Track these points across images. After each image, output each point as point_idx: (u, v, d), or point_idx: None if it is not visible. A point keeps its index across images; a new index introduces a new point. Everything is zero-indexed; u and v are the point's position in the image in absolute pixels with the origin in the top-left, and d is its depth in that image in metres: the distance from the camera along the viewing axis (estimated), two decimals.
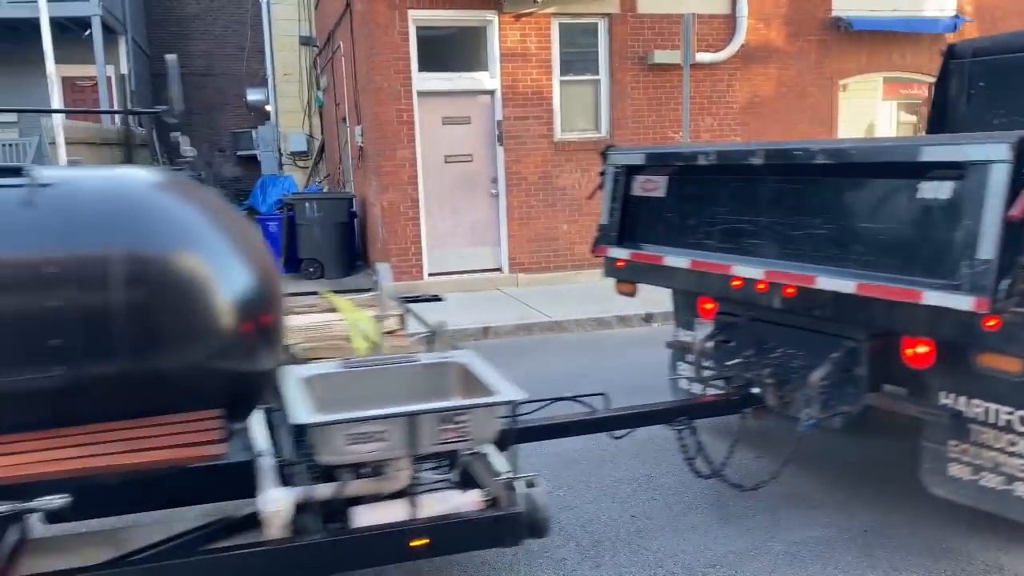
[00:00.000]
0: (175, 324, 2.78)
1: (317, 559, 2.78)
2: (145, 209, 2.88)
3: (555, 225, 11.31)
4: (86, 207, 2.81)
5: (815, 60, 12.10)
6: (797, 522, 4.28)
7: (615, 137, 11.34)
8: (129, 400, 2.78)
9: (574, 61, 11.31)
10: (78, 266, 2.69)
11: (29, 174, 2.83)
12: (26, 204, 2.74)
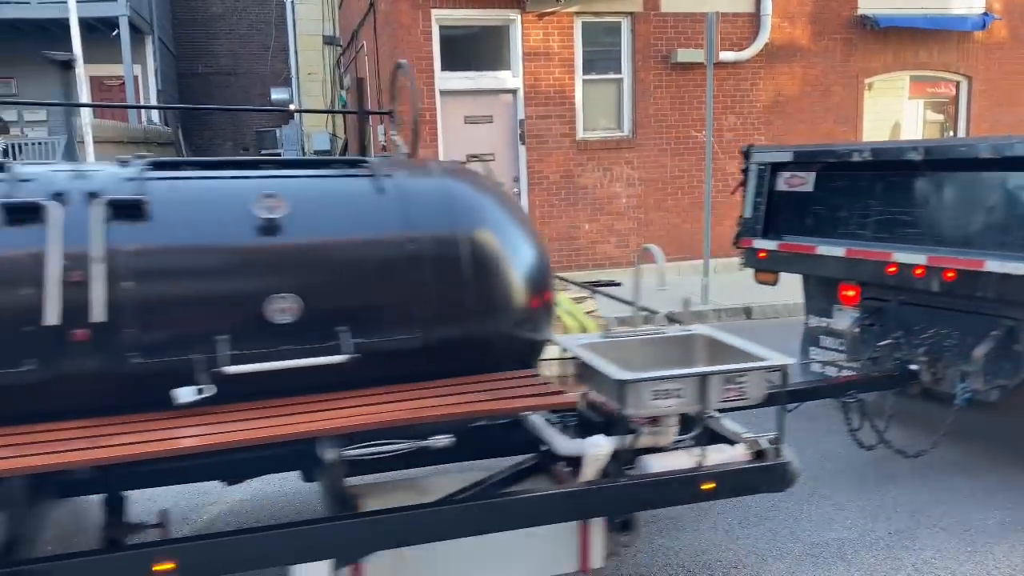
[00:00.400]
0: (496, 296, 3.19)
1: (631, 497, 3.14)
2: (469, 198, 3.33)
3: (577, 224, 11.29)
4: (421, 195, 3.25)
5: (840, 58, 11.98)
6: (820, 523, 4.25)
7: (637, 137, 11.31)
8: (465, 359, 3.18)
9: (597, 60, 11.28)
10: (433, 244, 3.12)
11: (370, 165, 3.33)
12: (379, 191, 3.19)
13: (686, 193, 11.61)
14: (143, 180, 2.97)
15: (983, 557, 3.89)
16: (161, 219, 2.88)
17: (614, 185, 11.37)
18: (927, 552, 3.94)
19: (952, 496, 4.54)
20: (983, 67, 12.65)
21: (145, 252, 2.80)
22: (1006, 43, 12.69)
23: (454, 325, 3.14)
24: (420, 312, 3.07)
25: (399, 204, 3.17)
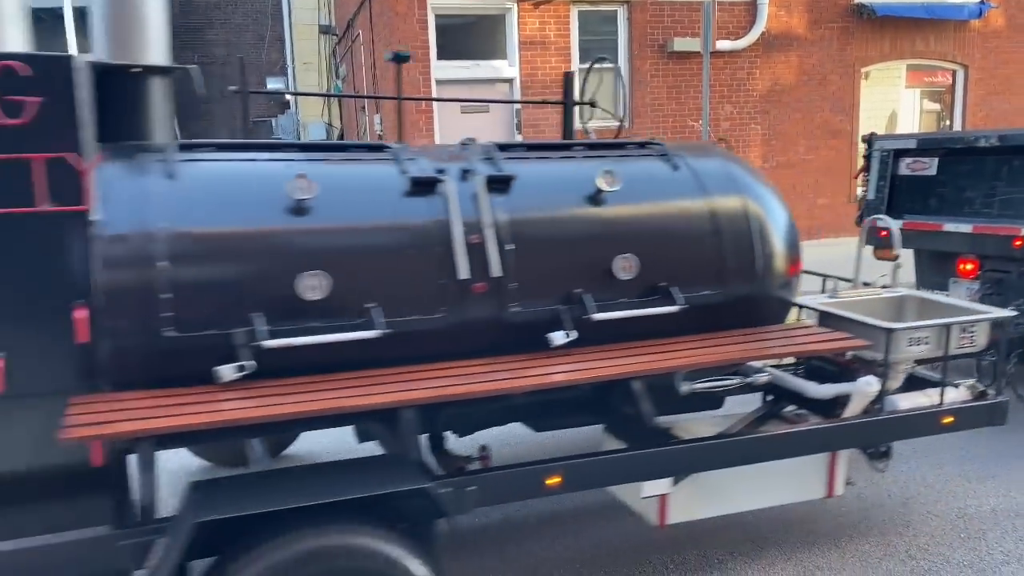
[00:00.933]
0: (770, 261, 3.67)
1: (890, 429, 3.70)
2: (746, 176, 3.83)
3: None
4: (709, 173, 3.74)
5: (837, 47, 11.97)
6: (811, 509, 4.28)
7: (634, 126, 11.30)
8: (743, 315, 3.65)
9: (593, 49, 11.25)
10: (726, 215, 3.62)
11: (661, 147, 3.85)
12: (674, 168, 3.72)
13: None
14: (497, 160, 3.47)
15: (976, 543, 3.92)
16: (520, 192, 3.38)
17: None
18: (920, 538, 3.97)
19: (945, 483, 4.57)
20: (979, 56, 12.65)
21: (515, 219, 3.29)
22: (1002, 32, 12.68)
23: (742, 285, 3.62)
24: (719, 273, 3.58)
25: (694, 180, 3.69)
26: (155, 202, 2.83)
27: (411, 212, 3.17)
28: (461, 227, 3.16)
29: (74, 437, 2.40)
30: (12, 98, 2.57)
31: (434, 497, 2.69)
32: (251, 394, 2.76)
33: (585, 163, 3.63)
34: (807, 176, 12.15)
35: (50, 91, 2.61)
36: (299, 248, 2.96)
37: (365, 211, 3.13)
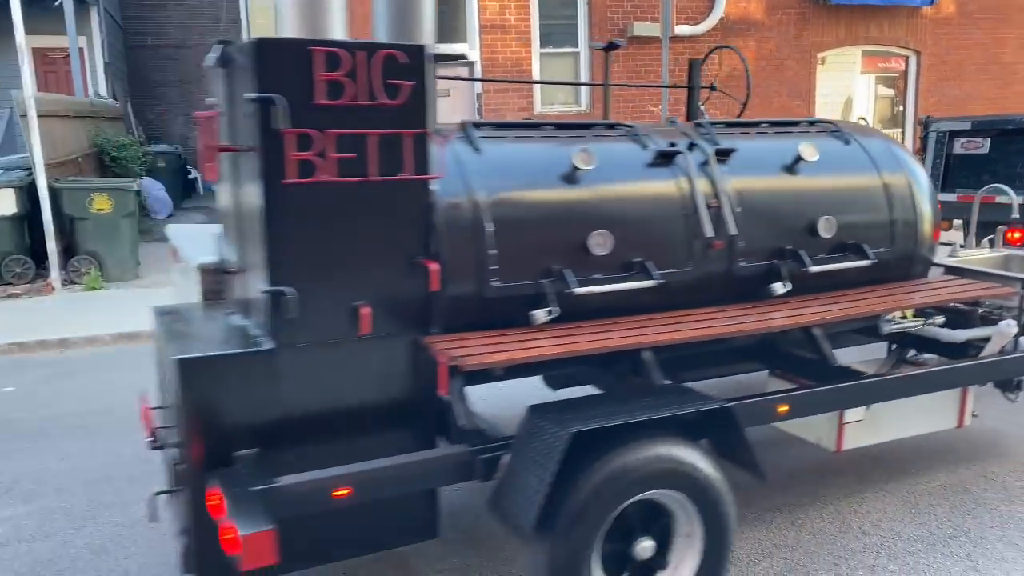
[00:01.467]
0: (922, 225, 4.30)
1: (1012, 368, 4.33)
2: (903, 152, 4.47)
3: None
4: (875, 148, 4.34)
5: (794, 33, 12.11)
6: (772, 489, 4.37)
7: (596, 111, 11.32)
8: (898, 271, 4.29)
9: (554, 33, 11.25)
10: (894, 184, 4.25)
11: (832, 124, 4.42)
12: (846, 143, 4.28)
13: None
14: (712, 135, 3.97)
15: (926, 518, 4.03)
16: (738, 162, 3.89)
17: None
18: (874, 515, 4.08)
19: (897, 460, 4.69)
20: (931, 42, 12.89)
21: (737, 185, 3.82)
22: (953, 19, 12.92)
23: (907, 244, 4.26)
24: (891, 235, 4.21)
25: (866, 155, 4.28)
26: (476, 174, 3.36)
27: (659, 179, 3.72)
28: (702, 192, 3.71)
29: (471, 364, 2.96)
30: (394, 82, 2.98)
31: (734, 413, 3.20)
32: (565, 333, 3.33)
33: (777, 138, 4.23)
34: None
35: (418, 76, 3.01)
36: (587, 211, 3.50)
37: (628, 179, 3.67)
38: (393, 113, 2.99)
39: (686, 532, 3.11)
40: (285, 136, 2.83)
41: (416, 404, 3.20)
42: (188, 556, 2.94)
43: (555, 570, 2.86)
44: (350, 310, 3.02)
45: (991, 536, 3.85)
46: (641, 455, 2.93)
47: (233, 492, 2.63)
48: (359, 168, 2.97)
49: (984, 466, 4.61)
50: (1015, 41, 13.35)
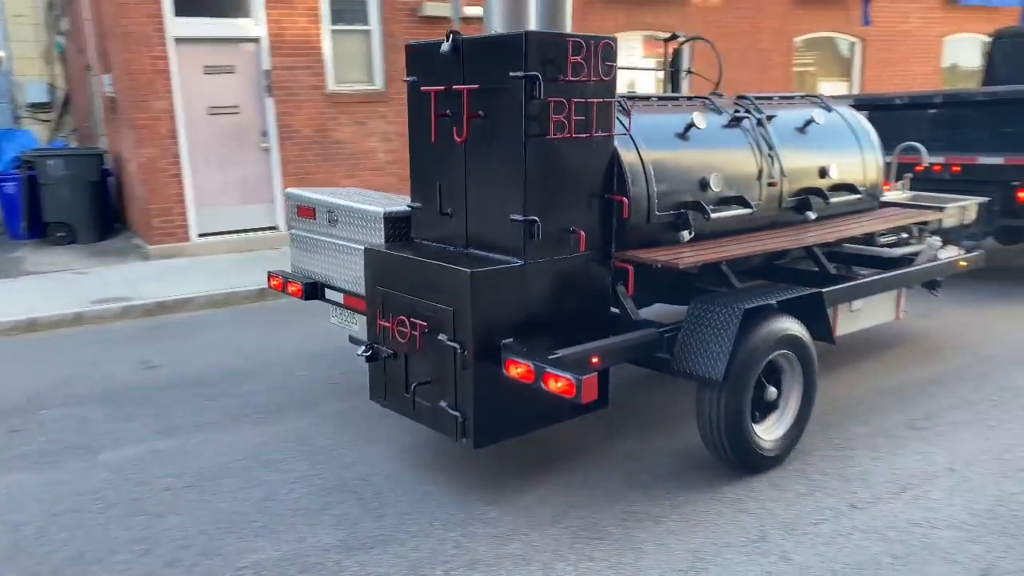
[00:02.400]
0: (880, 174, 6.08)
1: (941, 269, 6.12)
2: (861, 117, 6.14)
3: (334, 180, 11.04)
4: (848, 115, 6.01)
5: (579, 16, 12.55)
6: (568, 453, 4.59)
7: (390, 90, 11.22)
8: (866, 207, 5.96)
9: (345, 11, 10.98)
10: (868, 145, 5.97)
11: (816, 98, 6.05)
12: (828, 111, 5.87)
13: None
14: (756, 104, 5.36)
15: (705, 469, 4.41)
16: (776, 125, 5.34)
17: (370, 140, 11.22)
18: (659, 469, 4.40)
19: (673, 419, 5.08)
20: (701, 29, 13.88)
21: (778, 142, 5.26)
22: (719, 7, 14.00)
23: (874, 187, 5.99)
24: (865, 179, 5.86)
25: (845, 122, 5.94)
26: (638, 133, 4.48)
27: (735, 136, 5.07)
28: (764, 148, 5.15)
29: (688, 264, 4.27)
30: (607, 63, 4.04)
31: (823, 298, 4.70)
32: (709, 247, 4.64)
33: (792, 107, 5.66)
34: None
35: (614, 59, 4.08)
36: (704, 158, 4.81)
37: (719, 135, 4.99)
38: (604, 86, 4.08)
39: (792, 380, 4.50)
40: (552, 103, 3.87)
41: (607, 304, 4.38)
42: (461, 425, 3.89)
43: (731, 406, 4.11)
44: (572, 234, 4.09)
45: (757, 479, 4.28)
46: (775, 326, 4.26)
47: (537, 361, 3.66)
48: (585, 127, 4.05)
49: None
50: (770, 31, 14.69)
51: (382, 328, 4.32)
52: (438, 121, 4.22)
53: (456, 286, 3.81)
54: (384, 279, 4.31)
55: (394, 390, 4.31)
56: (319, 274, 5.28)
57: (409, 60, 4.39)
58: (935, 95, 8.80)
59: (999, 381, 5.64)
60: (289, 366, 6.28)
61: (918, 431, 4.85)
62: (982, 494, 4.07)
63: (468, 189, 4.18)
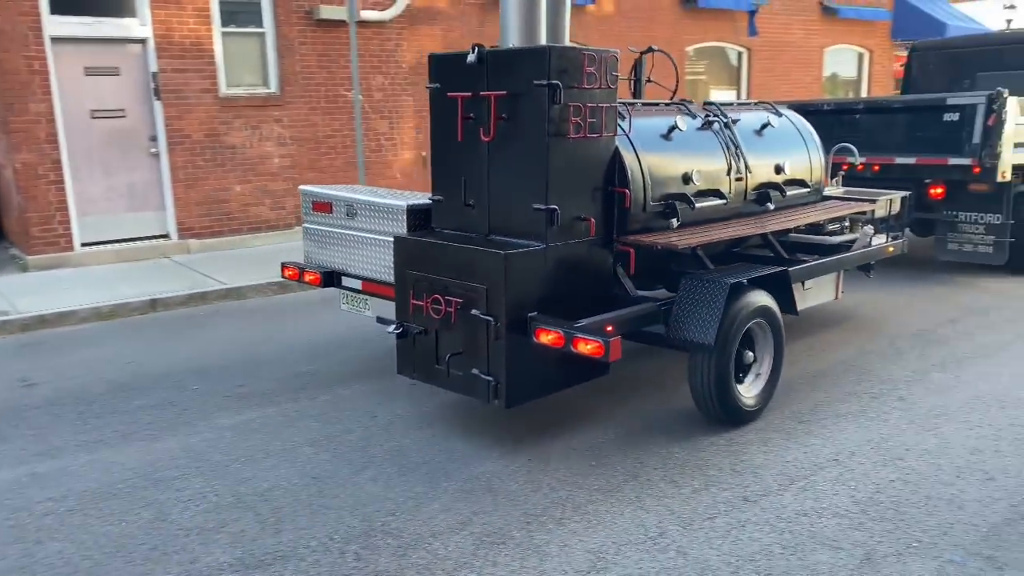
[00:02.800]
0: (823, 172, 6.82)
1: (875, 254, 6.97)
2: (805, 120, 6.87)
3: (227, 187, 10.72)
4: (792, 118, 6.73)
5: (476, 23, 12.65)
6: (472, 459, 4.59)
7: (285, 94, 10.98)
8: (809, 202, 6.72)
9: (238, 12, 10.69)
10: (812, 144, 6.71)
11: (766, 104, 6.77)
12: (778, 115, 6.57)
13: (340, 153, 11.57)
14: (721, 110, 6.04)
15: (604, 469, 4.49)
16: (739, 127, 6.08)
17: (265, 144, 10.95)
18: (560, 472, 4.46)
19: (574, 418, 5.17)
20: (597, 37, 14.17)
21: (742, 141, 5.98)
22: (612, 16, 14.33)
23: (817, 183, 6.75)
24: (811, 175, 6.62)
25: (791, 124, 6.67)
26: (634, 134, 5.13)
27: (708, 136, 5.76)
28: (731, 147, 5.86)
29: (683, 246, 5.00)
30: (613, 74, 4.73)
31: (789, 275, 5.52)
32: (698, 232, 5.36)
33: (749, 112, 6.42)
34: None
35: (617, 70, 4.78)
36: (685, 155, 5.49)
37: (694, 136, 5.66)
38: (610, 93, 4.77)
39: (765, 345, 5.24)
40: (570, 107, 4.52)
41: (609, 282, 5.08)
42: (493, 389, 4.46)
43: (719, 368, 4.82)
44: (583, 221, 4.78)
45: (655, 476, 4.39)
46: (752, 299, 5.00)
47: (567, 328, 4.31)
48: (595, 128, 4.72)
49: (646, 415, 5.23)
50: (662, 40, 15.12)
51: (415, 307, 4.84)
52: (464, 123, 4.78)
53: (491, 267, 4.41)
54: (415, 264, 4.84)
55: (424, 363, 4.86)
56: (335, 264, 5.83)
57: (432, 68, 4.92)
58: (858, 102, 9.86)
59: (879, 374, 5.97)
60: (182, 379, 6.05)
61: (805, 424, 5.08)
62: (864, 483, 4.29)
63: (491, 183, 4.78)
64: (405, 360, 4.99)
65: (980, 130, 8.36)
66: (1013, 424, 5.01)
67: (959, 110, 8.53)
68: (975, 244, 8.88)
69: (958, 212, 8.89)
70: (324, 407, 5.45)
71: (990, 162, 8.32)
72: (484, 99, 4.64)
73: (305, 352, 6.71)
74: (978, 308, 7.70)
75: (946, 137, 8.60)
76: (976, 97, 8.49)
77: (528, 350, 4.46)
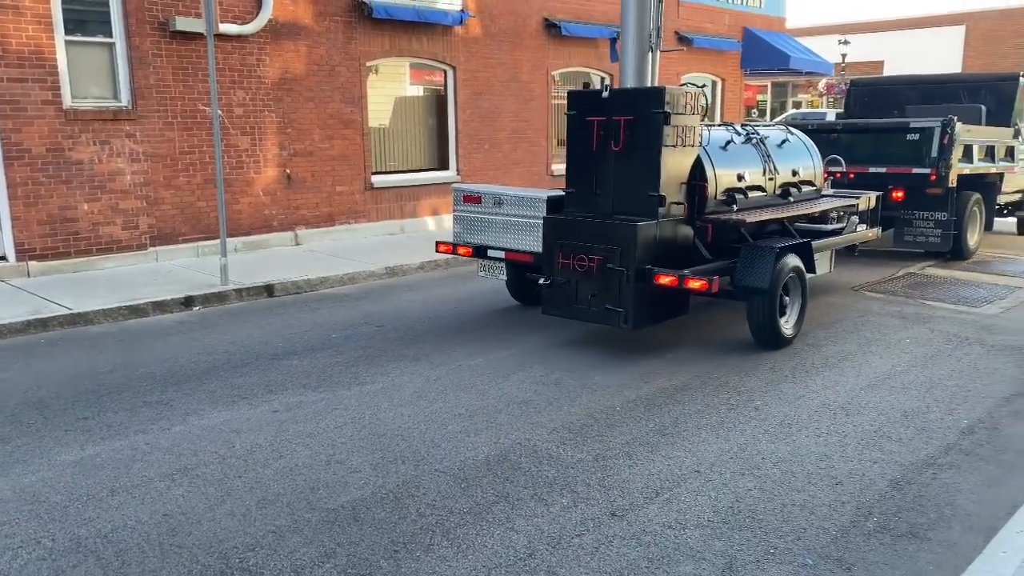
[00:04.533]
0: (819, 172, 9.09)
1: (859, 238, 9.27)
2: (811, 142, 9.13)
3: (73, 204, 10.02)
4: (795, 133, 9.02)
5: (343, 41, 12.46)
6: (336, 488, 4.43)
7: (139, 108, 10.40)
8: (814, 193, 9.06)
9: (85, 21, 10.06)
10: (811, 154, 9.01)
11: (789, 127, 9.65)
12: (791, 132, 8.96)
13: (198, 170, 11.06)
14: (752, 127, 8.38)
15: (474, 491, 4.43)
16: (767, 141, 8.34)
17: (116, 160, 10.32)
18: (430, 496, 4.36)
19: (445, 440, 5.09)
20: (464, 58, 14.27)
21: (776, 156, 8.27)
22: (481, 39, 14.47)
23: (817, 185, 8.93)
24: (815, 177, 8.88)
25: (797, 137, 8.90)
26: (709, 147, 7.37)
27: (750, 146, 7.97)
28: (766, 153, 8.06)
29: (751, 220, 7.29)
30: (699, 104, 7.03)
31: (811, 245, 7.61)
32: (754, 215, 7.46)
33: (773, 131, 8.67)
34: (324, 164, 12.49)
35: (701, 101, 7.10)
36: (738, 160, 7.70)
37: (744, 149, 7.90)
38: (696, 117, 6.95)
39: (795, 294, 7.40)
40: (674, 128, 6.74)
41: (693, 248, 7.23)
42: (623, 316, 6.65)
43: (771, 303, 6.96)
44: (680, 205, 6.99)
45: (525, 495, 4.37)
46: (789, 260, 7.14)
47: (679, 273, 6.53)
48: (686, 141, 6.91)
49: (520, 434, 5.22)
50: (529, 63, 15.42)
51: (562, 265, 6.95)
52: (598, 137, 6.92)
53: (625, 234, 6.60)
54: (563, 235, 6.98)
55: (567, 302, 6.98)
56: (483, 241, 8.04)
57: (571, 100, 7.16)
58: (837, 123, 12.18)
59: (736, 386, 6.22)
60: (16, 413, 5.55)
61: (668, 437, 5.22)
62: (724, 492, 4.43)
63: (615, 179, 6.90)
64: (551, 303, 7.10)
65: (937, 146, 10.64)
66: (857, 430, 5.33)
67: (919, 131, 10.85)
68: (927, 236, 11.12)
69: (914, 211, 11.07)
70: (178, 438, 5.14)
71: (944, 171, 10.65)
72: (616, 122, 6.81)
73: (159, 379, 6.32)
74: (825, 321, 8.20)
75: (909, 152, 10.89)
76: (933, 122, 10.77)
77: (646, 292, 6.66)
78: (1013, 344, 7.39)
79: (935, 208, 10.97)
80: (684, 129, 6.81)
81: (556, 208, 7.38)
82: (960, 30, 38.34)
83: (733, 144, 7.62)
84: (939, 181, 10.66)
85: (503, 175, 15.16)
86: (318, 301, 9.24)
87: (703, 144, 7.15)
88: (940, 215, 10.98)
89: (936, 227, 11.02)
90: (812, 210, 8.24)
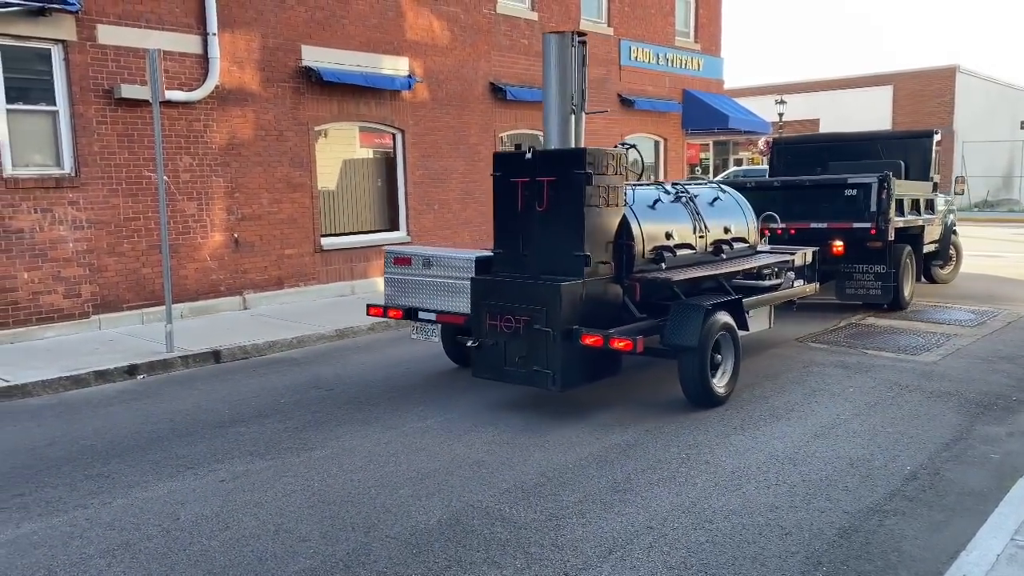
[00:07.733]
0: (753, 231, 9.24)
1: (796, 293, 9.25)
2: (743, 200, 9.37)
3: (12, 274, 9.80)
4: (728, 192, 9.22)
5: (290, 106, 12.56)
6: (285, 558, 4.33)
7: (82, 175, 10.30)
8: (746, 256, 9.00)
9: (27, 88, 9.99)
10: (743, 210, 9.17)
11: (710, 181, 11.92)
12: (722, 192, 9.07)
13: (143, 236, 10.93)
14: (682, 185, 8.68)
15: (426, 556, 4.37)
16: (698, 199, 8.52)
17: (57, 228, 10.16)
18: (380, 564, 4.29)
19: (397, 505, 5.03)
20: (412, 122, 14.48)
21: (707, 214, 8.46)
22: (427, 103, 14.72)
23: (751, 242, 9.08)
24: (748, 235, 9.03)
25: (732, 197, 9.14)
26: (636, 206, 7.44)
27: (679, 205, 8.09)
28: (693, 212, 8.17)
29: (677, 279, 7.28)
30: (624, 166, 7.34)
31: (743, 302, 7.62)
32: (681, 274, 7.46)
33: (704, 189, 8.88)
34: (273, 228, 12.45)
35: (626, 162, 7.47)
36: (665, 218, 7.77)
37: (669, 204, 8.03)
38: (621, 177, 7.09)
39: (728, 350, 7.31)
40: (597, 187, 6.78)
41: (620, 308, 7.17)
42: (551, 378, 6.53)
43: (701, 363, 6.87)
44: (605, 264, 6.97)
45: (477, 560, 4.33)
46: (719, 317, 7.08)
47: (604, 333, 6.46)
48: (611, 201, 6.98)
49: (472, 496, 5.19)
50: (476, 125, 15.71)
51: (490, 326, 6.84)
52: (523, 198, 6.97)
53: (550, 293, 6.52)
54: (490, 296, 6.90)
55: (497, 364, 6.85)
56: (413, 303, 7.96)
57: (496, 162, 7.26)
58: (775, 181, 12.31)
59: (686, 439, 6.29)
60: None
61: (621, 493, 5.23)
62: (676, 547, 4.45)
63: (540, 239, 6.91)
64: (481, 365, 6.98)
65: (875, 201, 10.89)
66: (804, 480, 5.42)
67: (857, 187, 11.05)
68: (867, 288, 11.49)
69: (854, 264, 11.43)
70: (120, 512, 4.98)
71: (884, 224, 10.96)
72: (540, 182, 6.86)
73: (100, 452, 6.15)
74: (771, 372, 8.36)
75: (848, 207, 11.09)
76: (870, 177, 11.01)
77: (574, 351, 6.53)
78: (952, 390, 7.62)
79: (874, 261, 11.34)
80: (608, 188, 6.86)
81: (485, 269, 7.32)
82: (888, 90, 40.19)
83: (661, 203, 7.72)
84: (879, 235, 10.98)
85: (452, 235, 15.27)
86: (267, 366, 9.12)
87: (630, 203, 7.24)
88: (879, 268, 11.34)
89: (876, 279, 11.38)
90: (744, 267, 8.23)
